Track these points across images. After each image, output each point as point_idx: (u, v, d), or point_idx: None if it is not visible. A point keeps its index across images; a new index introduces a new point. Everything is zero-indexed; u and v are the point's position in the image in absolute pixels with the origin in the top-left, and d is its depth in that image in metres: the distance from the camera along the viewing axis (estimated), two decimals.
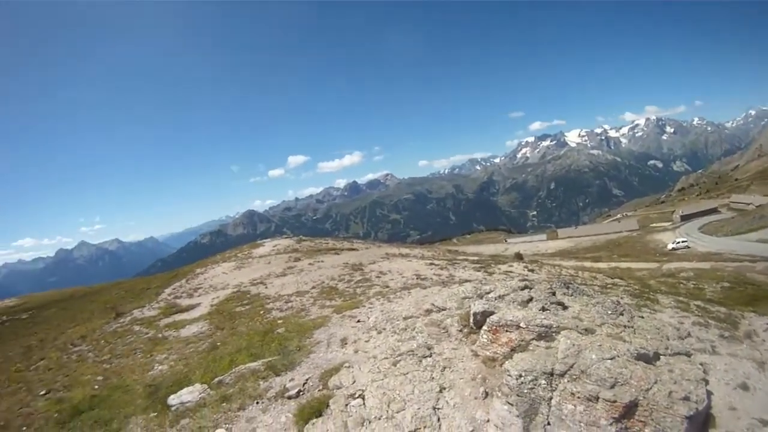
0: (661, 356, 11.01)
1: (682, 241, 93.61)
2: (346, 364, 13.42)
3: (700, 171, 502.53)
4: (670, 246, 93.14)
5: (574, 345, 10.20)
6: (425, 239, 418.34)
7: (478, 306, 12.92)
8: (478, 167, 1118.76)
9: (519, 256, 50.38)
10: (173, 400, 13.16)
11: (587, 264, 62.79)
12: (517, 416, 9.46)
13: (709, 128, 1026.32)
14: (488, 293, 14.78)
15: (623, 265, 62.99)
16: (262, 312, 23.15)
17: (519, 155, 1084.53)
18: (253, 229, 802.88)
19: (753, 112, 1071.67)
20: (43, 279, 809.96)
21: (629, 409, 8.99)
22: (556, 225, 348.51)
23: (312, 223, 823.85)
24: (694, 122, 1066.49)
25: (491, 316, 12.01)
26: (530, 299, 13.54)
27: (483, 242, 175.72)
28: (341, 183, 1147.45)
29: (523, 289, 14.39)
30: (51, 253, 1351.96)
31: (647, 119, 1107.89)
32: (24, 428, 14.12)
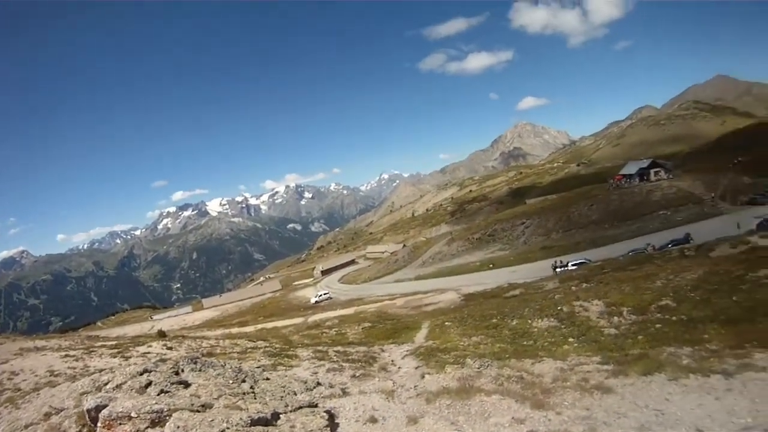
0: (281, 415, 11.47)
1: (324, 294, 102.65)
2: None
3: (337, 229, 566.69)
4: (313, 300, 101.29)
5: (180, 427, 9.89)
6: (68, 325, 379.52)
7: (91, 401, 11.85)
8: (118, 241, 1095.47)
9: (162, 334, 50.32)
10: None
11: (234, 330, 64.91)
12: None
13: (345, 192, 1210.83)
14: (106, 384, 14.04)
15: (270, 325, 66.54)
16: None
17: (160, 226, 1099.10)
18: None
19: (386, 176, 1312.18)
20: None
21: None
22: (202, 295, 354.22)
23: None
24: (331, 187, 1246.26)
25: (104, 410, 11.01)
26: (149, 383, 13.26)
27: (128, 322, 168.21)
28: None
29: (142, 373, 13.96)
30: None
31: (287, 186, 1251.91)
32: None
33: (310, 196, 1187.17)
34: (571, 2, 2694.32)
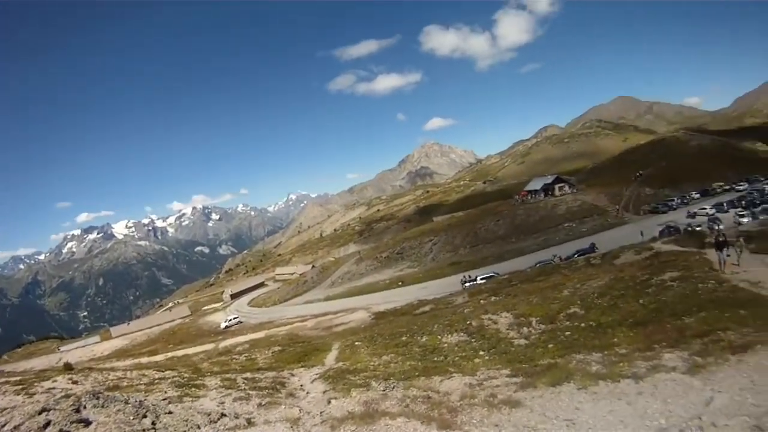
0: None
1: (234, 318, 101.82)
2: None
3: (245, 252, 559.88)
4: (223, 325, 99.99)
5: None
6: None
7: None
8: (21, 266, 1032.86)
9: (68, 367, 47.23)
10: None
11: (144, 359, 63.04)
12: None
13: (252, 213, 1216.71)
14: (3, 426, 13.03)
15: (180, 352, 64.84)
16: None
17: (65, 250, 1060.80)
18: None
19: (293, 197, 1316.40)
20: None
21: None
22: (110, 323, 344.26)
23: None
24: (239, 208, 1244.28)
25: None
26: (48, 423, 12.45)
27: (35, 355, 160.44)
28: None
29: (40, 413, 13.03)
30: None
31: (194, 208, 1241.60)
32: None
33: (218, 217, 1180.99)
34: (480, 27, 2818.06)
